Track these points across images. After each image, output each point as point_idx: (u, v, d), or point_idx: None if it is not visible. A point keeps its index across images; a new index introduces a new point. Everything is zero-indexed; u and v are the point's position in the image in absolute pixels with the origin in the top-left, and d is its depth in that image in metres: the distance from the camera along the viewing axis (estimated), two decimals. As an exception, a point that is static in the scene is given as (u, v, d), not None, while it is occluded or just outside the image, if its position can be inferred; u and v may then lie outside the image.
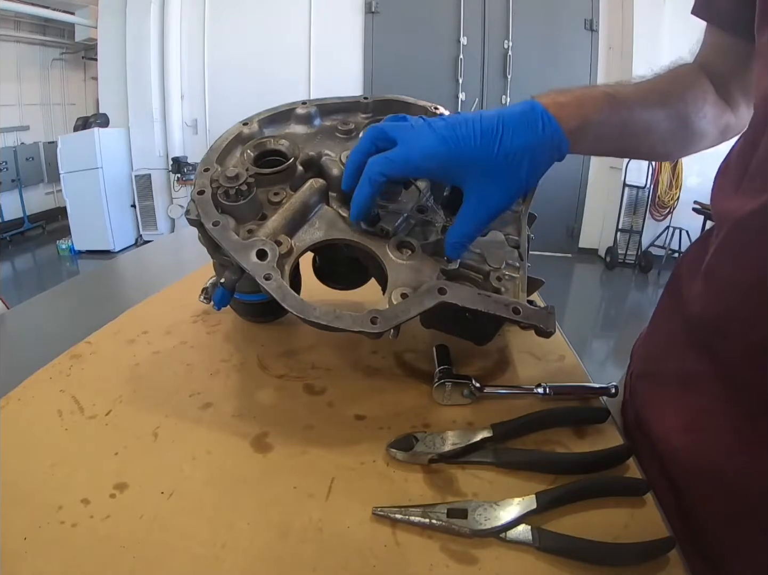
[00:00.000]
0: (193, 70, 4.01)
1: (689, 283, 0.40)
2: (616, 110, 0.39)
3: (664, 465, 0.39)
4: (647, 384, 0.45)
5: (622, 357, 2.57)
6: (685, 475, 0.37)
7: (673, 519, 0.33)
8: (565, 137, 0.37)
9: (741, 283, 0.33)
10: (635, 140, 0.42)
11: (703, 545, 0.35)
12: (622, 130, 0.40)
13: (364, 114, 0.53)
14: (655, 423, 0.41)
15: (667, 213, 3.72)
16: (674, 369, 0.41)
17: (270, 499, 0.33)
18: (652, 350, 0.47)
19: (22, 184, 4.51)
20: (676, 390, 0.40)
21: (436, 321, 0.46)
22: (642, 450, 0.40)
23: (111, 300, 0.75)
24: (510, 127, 0.36)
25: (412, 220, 0.43)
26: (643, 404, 0.44)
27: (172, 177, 4.07)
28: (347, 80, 3.86)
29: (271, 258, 0.37)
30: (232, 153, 0.47)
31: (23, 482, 0.34)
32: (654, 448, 0.40)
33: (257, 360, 0.50)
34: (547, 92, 0.39)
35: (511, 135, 0.36)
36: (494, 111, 0.38)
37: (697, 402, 0.37)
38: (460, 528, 0.30)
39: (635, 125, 0.40)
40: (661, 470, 0.39)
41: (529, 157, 0.36)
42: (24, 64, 4.69)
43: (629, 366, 0.51)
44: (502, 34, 3.70)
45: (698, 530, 0.36)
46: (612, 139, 0.40)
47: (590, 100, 0.38)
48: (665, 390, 0.42)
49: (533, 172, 0.37)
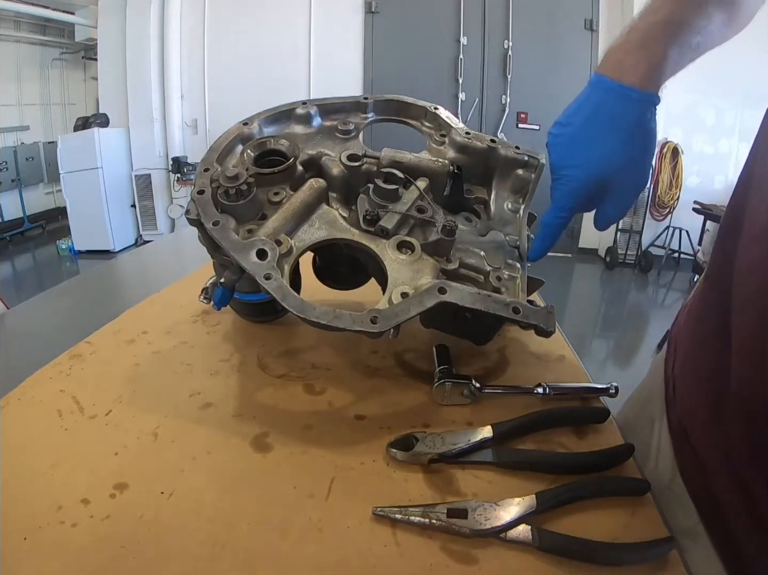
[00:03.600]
0: (193, 70, 4.00)
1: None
2: (679, 34, 0.39)
3: (718, 502, 0.34)
4: (693, 388, 0.39)
5: (622, 357, 2.57)
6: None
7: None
8: (651, 95, 0.39)
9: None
10: (700, 47, 0.42)
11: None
12: (688, 48, 0.40)
13: (364, 114, 0.53)
14: (708, 458, 0.35)
15: (667, 213, 3.72)
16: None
17: (270, 499, 0.33)
18: (701, 336, 0.40)
19: (22, 184, 4.50)
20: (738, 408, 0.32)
21: (436, 321, 0.46)
22: (687, 461, 0.37)
23: (111, 300, 0.75)
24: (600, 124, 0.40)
25: (412, 220, 0.43)
26: (687, 412, 0.39)
27: (172, 177, 4.07)
28: (347, 80, 3.86)
29: (271, 258, 0.37)
30: (232, 153, 0.47)
31: (23, 482, 0.34)
32: (702, 467, 0.35)
33: (257, 360, 0.50)
34: (611, 50, 0.41)
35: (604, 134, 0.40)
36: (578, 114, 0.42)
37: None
38: (460, 528, 0.30)
39: (697, 36, 0.40)
40: (713, 501, 0.34)
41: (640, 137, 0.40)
42: (24, 64, 4.68)
43: (667, 354, 0.45)
44: (502, 34, 3.70)
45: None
46: (684, 60, 0.41)
47: (654, 42, 0.39)
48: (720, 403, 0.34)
49: (651, 143, 0.41)
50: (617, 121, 0.40)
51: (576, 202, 0.43)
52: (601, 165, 0.41)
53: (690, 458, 0.37)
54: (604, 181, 0.41)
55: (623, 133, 0.40)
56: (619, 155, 0.40)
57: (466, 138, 0.50)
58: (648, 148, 0.41)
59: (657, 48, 0.39)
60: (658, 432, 0.43)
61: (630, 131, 0.40)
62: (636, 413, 0.48)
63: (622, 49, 0.40)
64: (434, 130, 0.53)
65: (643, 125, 0.40)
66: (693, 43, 0.40)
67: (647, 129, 0.40)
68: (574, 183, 0.42)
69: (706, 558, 0.34)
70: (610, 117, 0.40)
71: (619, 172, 0.41)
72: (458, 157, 0.50)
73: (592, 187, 0.42)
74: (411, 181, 0.45)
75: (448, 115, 0.53)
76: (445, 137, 0.51)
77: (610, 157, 0.41)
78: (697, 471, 0.36)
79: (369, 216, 0.42)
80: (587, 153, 0.41)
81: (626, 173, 0.41)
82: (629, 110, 0.40)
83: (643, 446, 0.43)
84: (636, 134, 0.40)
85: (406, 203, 0.43)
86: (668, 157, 3.58)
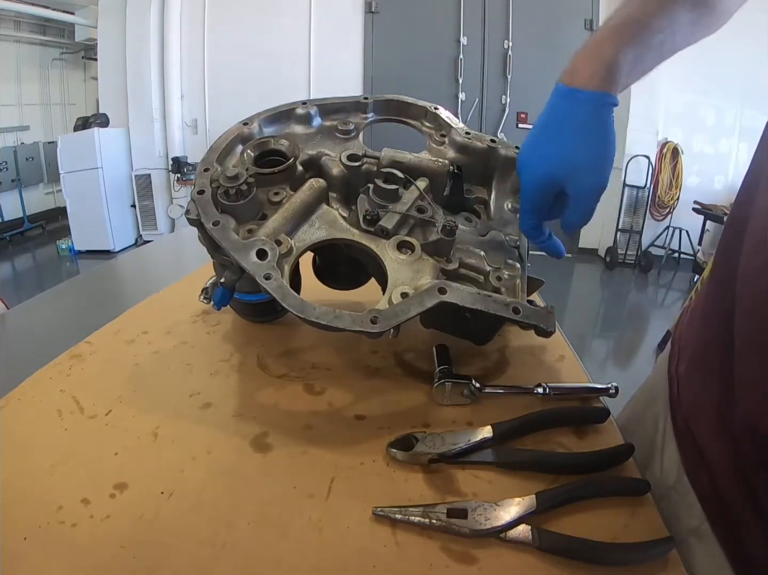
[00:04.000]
0: (193, 70, 4.00)
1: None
2: (633, 35, 0.40)
3: (725, 502, 0.34)
4: (699, 387, 0.39)
5: (622, 357, 2.57)
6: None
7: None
8: (599, 94, 0.39)
9: None
10: (665, 46, 0.42)
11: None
12: (647, 48, 0.41)
13: (364, 114, 0.53)
14: (714, 457, 0.35)
15: (667, 213, 3.72)
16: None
17: (270, 499, 0.33)
18: (707, 337, 0.39)
19: (22, 184, 4.50)
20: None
21: (436, 321, 0.46)
22: (693, 462, 0.36)
23: (111, 300, 0.75)
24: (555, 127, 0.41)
25: (412, 220, 0.43)
26: (692, 412, 0.38)
27: (172, 177, 4.07)
28: (347, 80, 3.86)
29: (271, 258, 0.37)
30: (232, 153, 0.47)
31: (23, 482, 0.34)
32: (709, 468, 0.35)
33: (257, 360, 0.50)
34: (572, 59, 0.42)
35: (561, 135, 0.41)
36: (540, 120, 0.43)
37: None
38: (460, 528, 0.30)
39: (657, 35, 0.41)
40: (720, 500, 0.34)
41: (590, 134, 0.40)
42: (24, 64, 4.68)
43: (671, 353, 0.45)
44: (502, 34, 3.70)
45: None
46: (645, 59, 0.41)
47: (603, 44, 0.40)
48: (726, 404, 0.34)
49: (604, 141, 0.41)
50: (567, 122, 0.41)
51: (534, 204, 0.44)
52: (553, 165, 0.41)
53: (696, 458, 0.37)
54: (560, 182, 0.41)
55: (573, 133, 0.40)
56: (571, 154, 0.41)
57: (466, 138, 0.50)
58: (603, 147, 0.41)
59: (607, 49, 0.39)
60: (662, 432, 0.43)
61: (579, 130, 0.40)
62: (639, 412, 0.48)
63: (577, 56, 0.41)
64: (434, 130, 0.53)
65: (594, 124, 0.40)
66: (654, 42, 0.40)
67: (600, 128, 0.40)
68: (529, 185, 0.43)
69: (712, 557, 0.34)
70: (561, 119, 0.41)
71: (574, 172, 0.41)
72: (458, 157, 0.50)
73: (547, 188, 0.42)
74: (411, 181, 0.45)
75: (448, 115, 0.53)
76: (445, 137, 0.51)
77: (561, 156, 0.41)
78: (704, 471, 0.36)
79: (369, 216, 0.42)
80: (540, 155, 0.42)
81: (582, 173, 0.41)
82: (578, 110, 0.40)
83: (647, 445, 0.43)
84: (586, 133, 0.40)
85: (406, 203, 0.43)
86: (668, 157, 3.58)
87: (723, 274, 0.38)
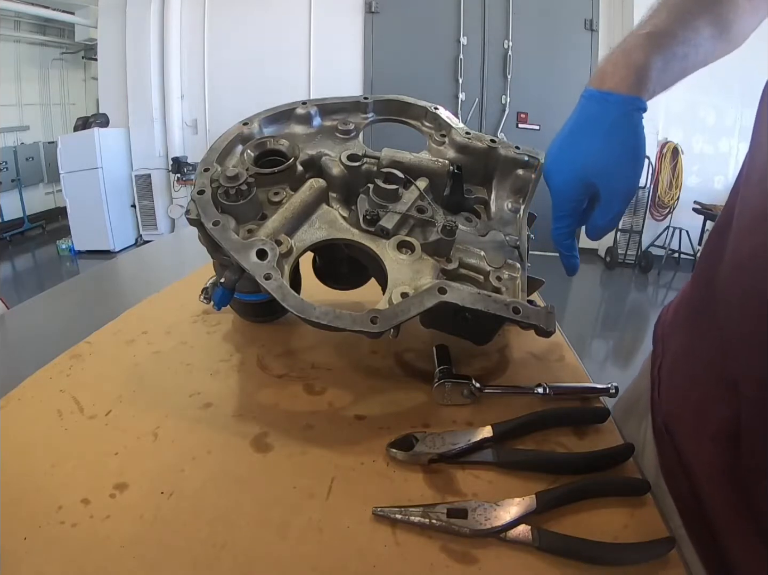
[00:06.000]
0: (193, 70, 4.00)
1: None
2: (663, 44, 0.40)
3: (703, 507, 0.34)
4: (681, 389, 0.39)
5: (622, 357, 2.57)
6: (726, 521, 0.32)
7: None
8: (630, 98, 0.39)
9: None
10: (686, 61, 0.42)
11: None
12: (673, 58, 0.41)
13: (364, 114, 0.53)
14: (693, 460, 0.35)
15: (667, 213, 3.72)
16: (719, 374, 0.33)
17: (270, 499, 0.33)
18: (690, 338, 0.40)
19: (22, 184, 4.50)
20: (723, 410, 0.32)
21: (436, 321, 0.46)
22: (671, 464, 0.37)
23: (111, 300, 0.75)
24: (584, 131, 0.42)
25: (412, 220, 0.43)
26: (672, 414, 0.39)
27: (172, 177, 4.07)
28: (347, 80, 3.86)
29: (271, 258, 0.37)
30: (232, 153, 0.47)
31: (23, 482, 0.34)
32: (687, 470, 0.35)
33: (257, 360, 0.50)
34: (599, 65, 0.42)
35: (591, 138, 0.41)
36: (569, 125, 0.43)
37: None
38: (460, 528, 0.30)
39: (684, 47, 0.41)
40: (698, 505, 0.34)
41: (621, 137, 0.40)
42: (24, 64, 4.68)
43: (654, 355, 0.46)
44: (502, 34, 3.70)
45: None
46: (671, 69, 0.41)
47: (635, 50, 0.40)
48: (707, 407, 0.34)
49: (635, 144, 0.41)
50: (596, 124, 0.41)
51: (565, 210, 0.43)
52: (583, 167, 0.41)
53: (674, 461, 0.37)
54: (589, 185, 0.41)
55: (604, 135, 0.40)
56: (600, 156, 0.41)
57: (466, 138, 0.50)
58: (633, 151, 0.41)
59: (638, 55, 0.40)
60: (643, 433, 0.43)
61: (608, 132, 0.40)
62: (624, 412, 0.48)
63: (607, 61, 0.41)
64: (434, 130, 0.53)
65: (623, 126, 0.40)
66: (679, 53, 0.41)
67: (629, 131, 0.40)
68: (560, 189, 0.43)
69: (689, 565, 0.33)
70: (590, 121, 0.41)
71: (602, 174, 0.41)
72: (458, 157, 0.50)
73: (579, 192, 0.42)
74: (411, 181, 0.45)
75: (449, 115, 0.53)
76: (445, 137, 0.51)
77: (591, 159, 0.41)
78: (682, 474, 0.36)
79: (369, 216, 0.42)
80: (570, 158, 0.42)
81: (610, 176, 0.41)
82: (607, 112, 0.40)
83: None
84: (617, 135, 0.40)
85: (406, 203, 0.43)
86: (668, 157, 3.58)
87: (705, 273, 0.38)
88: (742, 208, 0.33)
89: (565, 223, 0.44)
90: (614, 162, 0.40)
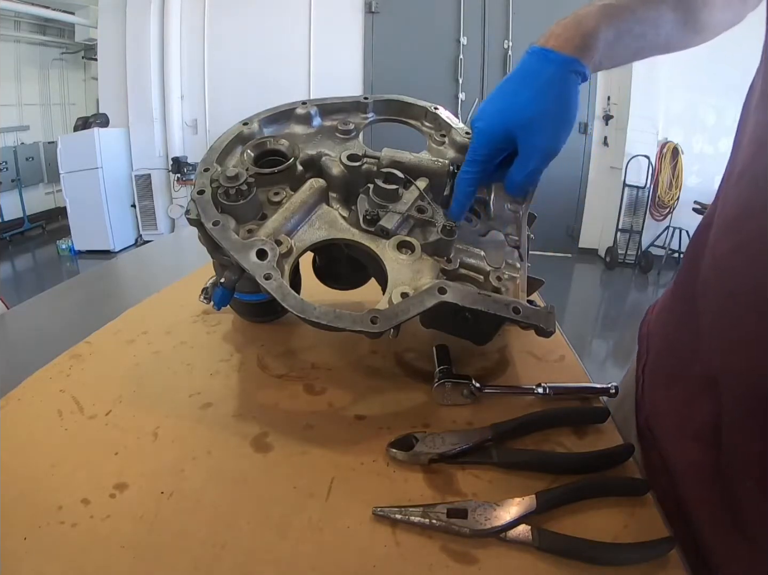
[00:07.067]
0: (193, 70, 4.00)
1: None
2: (617, 16, 0.40)
3: (684, 504, 0.35)
4: (662, 388, 0.40)
5: (622, 357, 2.57)
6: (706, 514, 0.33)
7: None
8: (570, 59, 0.39)
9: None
10: (643, 40, 0.42)
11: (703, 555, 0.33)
12: (628, 33, 0.40)
13: (364, 114, 0.53)
14: (674, 457, 0.36)
15: (667, 213, 3.72)
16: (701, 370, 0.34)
17: (270, 499, 0.33)
18: (672, 336, 0.41)
19: (22, 184, 4.50)
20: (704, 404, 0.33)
21: (436, 321, 0.46)
22: (653, 463, 0.37)
23: (111, 300, 0.75)
24: (520, 82, 0.41)
25: (412, 220, 0.43)
26: (654, 412, 0.40)
27: (172, 177, 4.07)
28: (347, 80, 3.86)
29: (271, 258, 0.37)
30: (232, 153, 0.47)
31: (23, 482, 0.34)
32: (668, 470, 0.36)
33: (257, 360, 0.50)
34: (551, 27, 0.41)
35: (524, 88, 0.40)
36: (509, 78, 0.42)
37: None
38: (460, 528, 0.30)
39: (641, 25, 0.41)
40: (679, 503, 0.35)
41: (552, 94, 0.39)
42: (24, 64, 4.68)
43: (639, 354, 0.46)
44: (502, 34, 3.70)
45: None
46: (624, 45, 0.41)
47: (586, 17, 0.40)
48: (689, 401, 0.35)
49: (565, 104, 0.40)
50: (531, 79, 0.40)
51: (480, 153, 0.42)
52: (507, 117, 0.41)
53: (656, 461, 0.37)
54: (510, 134, 0.41)
55: (536, 90, 0.40)
56: (526, 110, 0.40)
57: (466, 138, 0.50)
58: (562, 111, 0.40)
59: (589, 22, 0.39)
60: (627, 433, 0.43)
61: (542, 88, 0.40)
62: (612, 412, 0.48)
63: (557, 24, 0.41)
64: (434, 130, 0.53)
65: (556, 85, 0.40)
66: (636, 30, 0.40)
67: (561, 90, 0.40)
68: (480, 134, 0.42)
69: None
70: (526, 75, 0.41)
71: (524, 127, 0.40)
72: (458, 157, 0.50)
73: (497, 139, 0.42)
74: (411, 181, 0.45)
75: (449, 115, 0.53)
76: (445, 137, 0.51)
77: (517, 110, 0.40)
78: (664, 474, 0.36)
79: (369, 216, 0.42)
80: (498, 107, 0.42)
81: (532, 131, 0.40)
82: (545, 69, 0.40)
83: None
84: (549, 92, 0.40)
85: (406, 203, 0.43)
86: (668, 157, 3.58)
87: (686, 275, 0.38)
88: (722, 209, 0.34)
89: (475, 168, 0.43)
90: (538, 117, 0.40)
